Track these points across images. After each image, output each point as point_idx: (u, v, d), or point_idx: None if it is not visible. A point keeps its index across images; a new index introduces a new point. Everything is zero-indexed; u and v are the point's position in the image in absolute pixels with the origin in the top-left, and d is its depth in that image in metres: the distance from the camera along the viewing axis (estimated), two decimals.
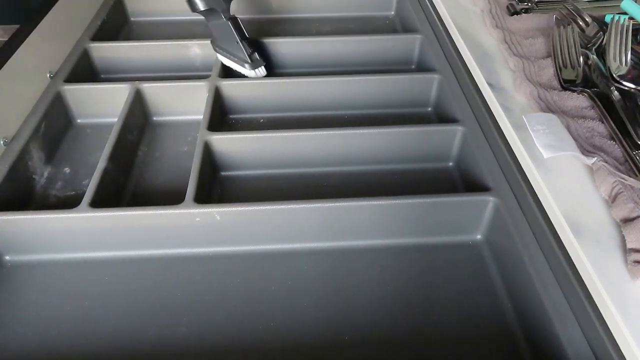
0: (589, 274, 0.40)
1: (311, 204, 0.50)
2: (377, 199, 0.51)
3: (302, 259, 0.52)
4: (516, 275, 0.48)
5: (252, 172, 0.60)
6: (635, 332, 0.35)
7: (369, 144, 0.60)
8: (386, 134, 0.59)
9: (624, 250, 0.40)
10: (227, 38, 0.67)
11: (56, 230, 0.50)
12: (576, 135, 0.50)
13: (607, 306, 0.37)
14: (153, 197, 0.58)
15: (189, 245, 0.52)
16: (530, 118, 0.53)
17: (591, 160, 0.47)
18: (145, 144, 0.65)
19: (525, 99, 0.57)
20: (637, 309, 0.37)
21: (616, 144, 0.49)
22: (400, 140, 0.60)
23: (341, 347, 0.45)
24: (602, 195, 0.45)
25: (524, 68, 0.60)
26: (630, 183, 0.44)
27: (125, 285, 0.49)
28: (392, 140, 0.60)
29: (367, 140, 0.60)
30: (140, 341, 0.45)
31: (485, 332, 0.46)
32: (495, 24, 0.68)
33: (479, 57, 0.64)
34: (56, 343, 0.45)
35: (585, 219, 0.43)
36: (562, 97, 0.55)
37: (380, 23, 0.89)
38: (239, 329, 0.46)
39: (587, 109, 0.54)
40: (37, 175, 0.59)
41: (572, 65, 0.58)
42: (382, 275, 0.50)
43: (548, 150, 0.49)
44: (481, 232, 0.53)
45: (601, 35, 0.60)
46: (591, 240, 0.41)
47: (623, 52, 0.56)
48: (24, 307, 0.47)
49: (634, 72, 0.54)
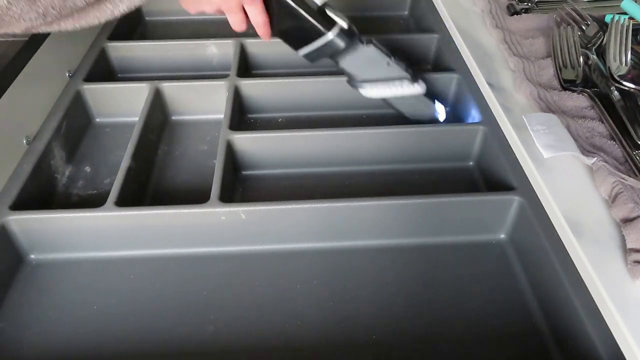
0: (589, 274, 0.39)
1: (336, 203, 0.49)
2: (402, 198, 0.49)
3: (331, 257, 0.50)
4: (543, 275, 0.46)
5: (274, 172, 0.59)
6: (635, 332, 0.34)
7: (389, 143, 0.58)
8: (407, 134, 0.58)
9: (624, 250, 0.39)
10: (372, 64, 0.56)
11: (81, 229, 0.49)
12: (576, 135, 0.49)
13: (607, 306, 0.37)
14: (174, 196, 0.57)
15: (215, 243, 0.51)
16: (530, 118, 0.51)
17: (591, 160, 0.46)
18: (165, 143, 0.64)
19: (525, 99, 0.55)
20: (637, 309, 0.36)
21: (616, 144, 0.48)
22: (421, 139, 0.58)
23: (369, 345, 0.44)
24: (602, 195, 0.44)
25: (524, 68, 0.58)
26: (630, 183, 0.43)
27: (151, 283, 0.48)
28: (413, 139, 0.58)
29: (388, 139, 0.58)
30: (167, 339, 0.44)
31: (511, 330, 0.44)
32: (495, 24, 0.66)
33: (479, 57, 0.62)
34: (82, 341, 0.44)
35: (585, 219, 0.42)
36: (562, 97, 0.54)
37: (395, 23, 0.87)
38: (266, 328, 0.45)
39: (587, 109, 0.53)
40: (59, 174, 0.58)
41: (572, 65, 0.57)
42: (406, 274, 0.49)
43: (548, 150, 0.48)
44: (505, 231, 0.52)
45: (601, 35, 0.59)
46: (591, 240, 0.41)
47: (623, 52, 0.54)
48: (49, 305, 0.47)
49: (634, 72, 0.52)
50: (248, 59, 0.73)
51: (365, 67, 0.56)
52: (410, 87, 0.57)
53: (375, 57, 0.56)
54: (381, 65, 0.56)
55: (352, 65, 0.56)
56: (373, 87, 0.58)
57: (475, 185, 0.58)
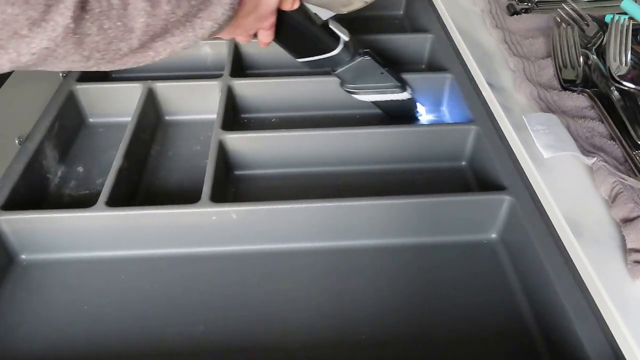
0: (589, 274, 0.39)
1: (327, 202, 0.49)
2: (393, 198, 0.49)
3: (323, 257, 0.50)
4: (533, 274, 0.46)
5: (266, 171, 0.59)
6: (635, 332, 0.34)
7: (382, 143, 0.58)
8: (399, 133, 0.58)
9: (624, 250, 0.39)
10: (368, 74, 0.59)
11: (72, 229, 0.49)
12: (576, 135, 0.49)
13: (607, 306, 0.36)
14: (166, 196, 0.57)
15: (205, 243, 0.51)
16: (530, 118, 0.51)
17: (591, 160, 0.46)
18: (158, 143, 0.64)
19: (525, 99, 0.55)
20: (637, 308, 0.35)
21: (616, 144, 0.48)
22: (413, 139, 0.58)
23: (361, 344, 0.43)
24: (602, 195, 0.44)
25: (524, 68, 0.58)
26: (630, 183, 0.43)
27: (142, 283, 0.48)
28: (405, 139, 0.58)
29: (380, 139, 0.58)
30: (157, 339, 0.44)
31: (501, 330, 0.44)
32: (495, 24, 0.66)
33: (479, 57, 0.62)
34: (72, 341, 0.44)
35: (585, 219, 0.42)
36: (562, 97, 0.54)
37: (390, 22, 0.86)
38: (257, 327, 0.45)
39: (587, 109, 0.52)
40: (51, 175, 0.58)
41: (572, 65, 0.57)
42: (397, 273, 0.49)
43: (548, 150, 0.47)
44: (496, 230, 0.52)
45: (601, 35, 0.59)
46: (591, 240, 0.40)
47: (623, 52, 0.54)
48: (40, 305, 0.46)
49: (634, 72, 0.52)
50: (242, 59, 0.72)
51: (360, 75, 0.59)
52: (400, 93, 0.61)
53: (370, 67, 0.58)
54: (375, 74, 0.59)
55: (349, 73, 0.58)
56: (366, 93, 0.61)
57: (467, 185, 0.58)
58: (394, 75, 0.60)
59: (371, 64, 0.58)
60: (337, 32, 0.54)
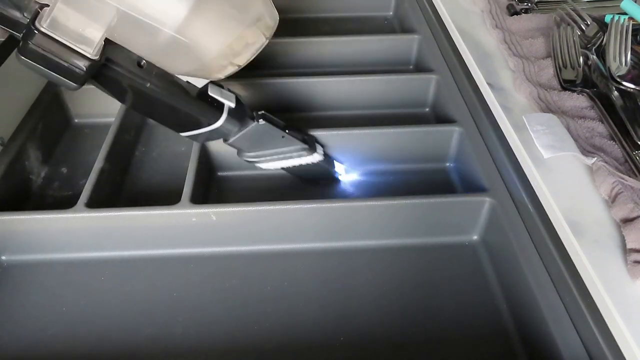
0: (588, 274, 0.40)
1: (308, 204, 0.50)
2: (374, 200, 0.51)
3: (299, 259, 0.52)
4: (512, 276, 0.48)
5: (250, 173, 0.60)
6: (635, 332, 0.35)
7: (366, 144, 0.60)
8: (384, 134, 0.60)
9: (624, 250, 0.40)
10: (267, 140, 0.53)
11: (52, 231, 0.50)
12: (576, 136, 0.50)
13: (607, 306, 0.37)
14: (150, 197, 0.58)
15: (185, 245, 0.52)
16: (530, 118, 0.53)
17: (591, 160, 0.47)
18: (142, 143, 0.65)
19: (525, 99, 0.57)
20: (637, 309, 0.37)
21: (616, 144, 0.49)
22: (398, 140, 0.60)
23: (337, 347, 0.45)
24: (602, 195, 0.45)
25: (524, 68, 0.60)
26: (630, 183, 0.44)
27: (122, 285, 0.49)
28: (389, 140, 0.60)
29: (364, 140, 0.60)
30: (136, 341, 0.45)
31: (480, 332, 0.46)
32: (495, 24, 0.68)
33: (479, 57, 0.64)
34: (52, 343, 0.45)
35: (585, 219, 0.43)
36: (562, 97, 0.55)
37: (379, 23, 0.89)
38: (235, 329, 0.46)
39: (587, 109, 0.54)
40: (34, 176, 0.59)
41: (572, 65, 0.58)
42: (379, 275, 0.50)
43: (548, 150, 0.49)
44: (477, 232, 0.54)
45: (601, 35, 0.60)
46: (591, 240, 0.42)
47: (623, 52, 0.56)
48: (20, 307, 0.48)
49: (634, 72, 0.54)
50: None
51: (259, 142, 0.53)
52: (309, 156, 0.55)
53: (268, 132, 0.52)
54: (276, 138, 0.53)
55: (244, 142, 0.52)
56: (269, 160, 0.55)
57: (452, 186, 0.60)
58: (298, 137, 0.54)
59: (268, 128, 0.52)
60: (220, 99, 0.49)
